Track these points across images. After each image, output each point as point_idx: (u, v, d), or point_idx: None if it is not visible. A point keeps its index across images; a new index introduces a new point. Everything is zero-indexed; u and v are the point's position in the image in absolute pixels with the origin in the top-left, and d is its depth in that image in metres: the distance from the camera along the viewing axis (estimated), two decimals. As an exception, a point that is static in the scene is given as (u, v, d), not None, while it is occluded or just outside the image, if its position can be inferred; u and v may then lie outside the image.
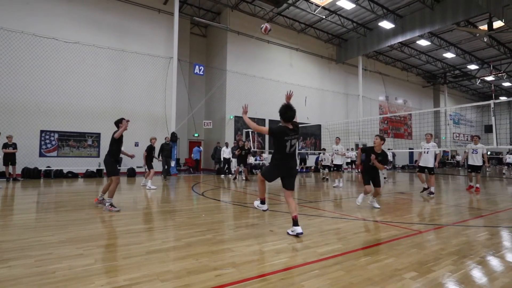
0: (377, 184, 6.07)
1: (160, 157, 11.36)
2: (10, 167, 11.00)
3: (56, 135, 13.20)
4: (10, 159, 10.91)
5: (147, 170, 9.77)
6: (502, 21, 15.39)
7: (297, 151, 4.09)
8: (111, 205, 5.58)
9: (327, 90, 22.61)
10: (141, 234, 3.95)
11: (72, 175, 12.67)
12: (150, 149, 9.86)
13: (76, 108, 13.45)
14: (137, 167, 14.11)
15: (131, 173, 13.68)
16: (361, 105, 23.35)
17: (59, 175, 12.43)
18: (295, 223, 3.93)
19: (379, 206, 6.11)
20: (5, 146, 10.83)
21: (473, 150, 8.92)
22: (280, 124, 4.16)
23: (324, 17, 18.26)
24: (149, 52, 15.42)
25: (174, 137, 14.92)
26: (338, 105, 23.32)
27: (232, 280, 2.53)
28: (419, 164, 8.46)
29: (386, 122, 27.07)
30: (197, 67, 16.26)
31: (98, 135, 14.06)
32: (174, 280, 2.52)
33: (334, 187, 10.27)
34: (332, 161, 12.00)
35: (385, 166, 6.59)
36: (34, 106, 12.61)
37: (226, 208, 6.28)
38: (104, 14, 14.40)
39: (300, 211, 5.77)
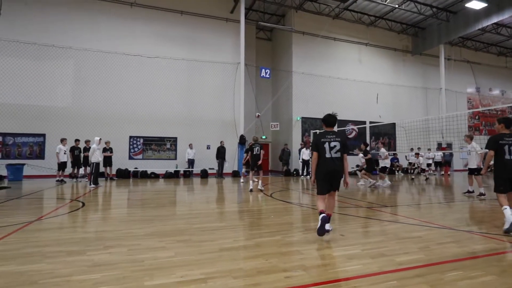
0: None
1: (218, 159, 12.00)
2: (108, 168, 12.99)
3: (142, 140, 15.00)
4: (107, 161, 12.88)
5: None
6: None
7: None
8: None
9: (402, 85, 20.69)
10: (214, 232, 4.20)
11: (154, 176, 14.19)
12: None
13: (156, 116, 15.06)
14: (209, 168, 15.07)
15: (204, 175, 14.67)
16: (443, 99, 20.75)
17: (144, 175, 14.06)
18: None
19: None
20: (105, 150, 12.77)
21: None
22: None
23: (397, 6, 16.82)
24: (218, 60, 16.39)
25: (242, 139, 15.51)
26: (415, 101, 21.13)
27: (302, 283, 2.50)
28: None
29: (477, 117, 23.50)
30: (263, 70, 16.64)
31: (175, 139, 15.49)
32: (245, 278, 2.61)
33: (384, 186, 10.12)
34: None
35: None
36: (124, 115, 14.56)
37: (294, 210, 6.25)
38: (177, 28, 15.82)
39: (373, 215, 5.41)
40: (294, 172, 16.13)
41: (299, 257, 3.14)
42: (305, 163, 14.76)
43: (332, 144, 4.06)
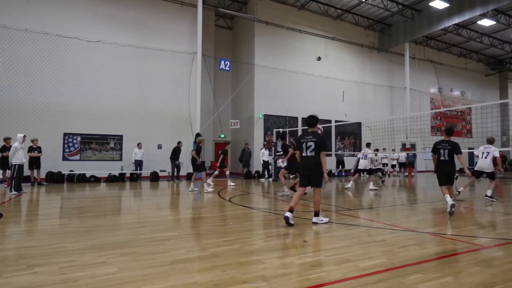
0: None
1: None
2: (35, 171, 11.92)
3: (79, 138, 14.08)
4: (35, 163, 11.82)
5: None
6: None
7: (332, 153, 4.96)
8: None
9: (368, 83, 21.95)
10: (165, 243, 4.08)
11: (95, 179, 13.42)
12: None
13: (98, 110, 14.25)
14: (161, 170, 14.64)
15: (154, 178, 14.20)
16: (408, 99, 22.39)
17: (82, 179, 13.22)
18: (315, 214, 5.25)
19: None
20: (31, 149, 11.74)
21: None
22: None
23: (364, 0, 17.77)
24: (172, 48, 15.97)
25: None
26: (381, 100, 22.54)
27: (262, 295, 2.53)
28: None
29: (439, 118, 25.71)
30: (222, 62, 16.56)
31: (120, 137, 14.79)
32: (200, 293, 2.57)
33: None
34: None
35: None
36: (57, 108, 13.55)
37: (255, 215, 6.31)
38: (125, 10, 15.14)
39: (338, 219, 5.66)
40: (256, 175, 16.29)
41: (260, 267, 3.18)
42: (266, 164, 14.98)
43: (308, 144, 5.16)
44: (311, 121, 5.37)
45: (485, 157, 8.17)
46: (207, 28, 17.88)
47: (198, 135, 15.30)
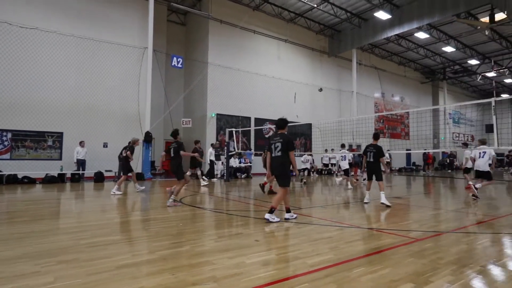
0: None
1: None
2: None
3: (9, 135, 12.73)
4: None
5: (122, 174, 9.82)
6: (504, 13, 16.09)
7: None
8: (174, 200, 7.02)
9: (319, 85, 22.86)
10: (108, 247, 3.86)
11: (29, 181, 12.25)
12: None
13: (33, 103, 13.01)
14: (106, 170, 13.83)
15: (99, 178, 13.36)
16: (355, 102, 23.74)
17: (13, 180, 11.98)
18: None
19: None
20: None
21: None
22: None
23: (315, 5, 18.48)
24: (121, 42, 15.15)
25: (148, 137, 14.72)
26: (330, 102, 23.62)
27: (212, 297, 2.51)
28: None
29: (382, 121, 27.65)
30: (175, 59, 16.10)
31: (60, 135, 13.65)
32: (146, 298, 2.47)
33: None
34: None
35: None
36: (-16, 101, 12.13)
37: (207, 216, 6.24)
38: (68, -3, 14.05)
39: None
40: (208, 176, 16.09)
41: (210, 268, 3.15)
42: (212, 164, 14.86)
43: (276, 144, 5.50)
44: (281, 123, 5.67)
45: (482, 157, 8.58)
46: (159, 22, 17.26)
47: (147, 133, 14.73)
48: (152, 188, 11.29)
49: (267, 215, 5.31)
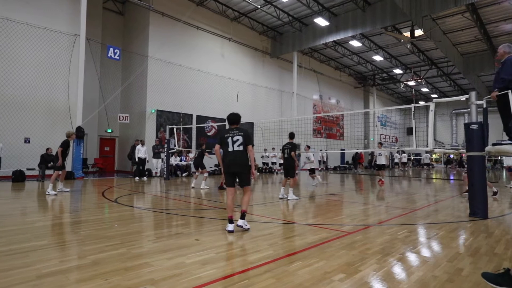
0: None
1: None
2: None
3: None
4: None
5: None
6: (421, 30, 18.28)
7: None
8: None
9: (261, 85, 23.31)
10: (30, 254, 3.48)
11: None
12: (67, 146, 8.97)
13: None
14: (28, 169, 12.42)
15: (18, 178, 11.92)
16: (295, 103, 24.67)
17: None
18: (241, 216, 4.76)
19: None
20: None
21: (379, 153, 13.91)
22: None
23: (259, 6, 18.75)
24: (47, 25, 13.68)
25: (80, 132, 13.56)
26: (272, 102, 24.23)
27: (149, 300, 2.41)
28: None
29: (319, 121, 29.19)
30: (111, 49, 15.03)
31: (-30, 128, 11.90)
32: (75, 307, 2.28)
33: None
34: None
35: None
36: None
37: (145, 216, 5.97)
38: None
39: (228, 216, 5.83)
40: (146, 173, 15.40)
41: (148, 270, 3.02)
42: (142, 162, 14.18)
43: (235, 138, 4.82)
44: (235, 118, 5.03)
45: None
46: (93, 9, 15.97)
47: (79, 128, 13.57)
48: (84, 188, 10.43)
49: (240, 222, 4.68)
